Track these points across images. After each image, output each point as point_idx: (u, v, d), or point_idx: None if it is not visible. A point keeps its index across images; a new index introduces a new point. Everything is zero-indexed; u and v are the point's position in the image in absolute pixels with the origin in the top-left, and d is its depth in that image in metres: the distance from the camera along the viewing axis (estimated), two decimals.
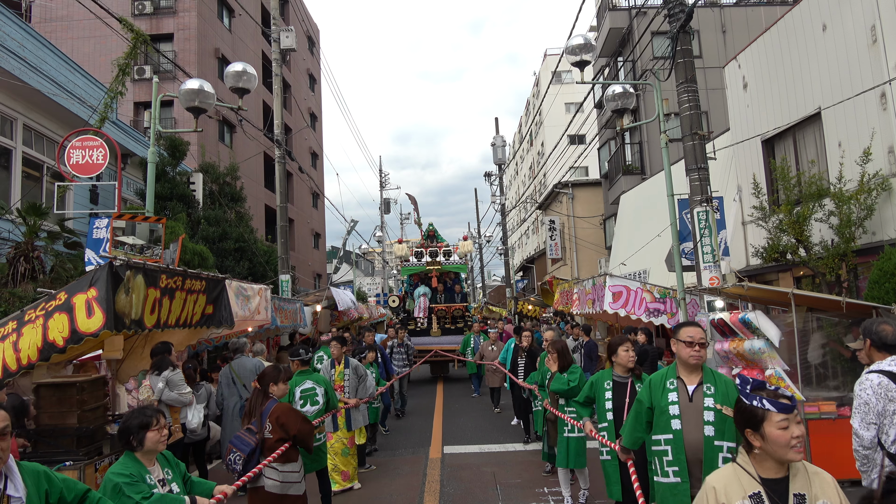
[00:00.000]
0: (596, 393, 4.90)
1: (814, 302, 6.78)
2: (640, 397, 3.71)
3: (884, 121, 8.70)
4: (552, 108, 38.27)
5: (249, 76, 8.94)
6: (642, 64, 18.50)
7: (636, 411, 3.73)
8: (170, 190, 14.51)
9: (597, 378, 4.96)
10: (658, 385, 3.64)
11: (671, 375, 3.63)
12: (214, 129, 23.10)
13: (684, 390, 3.52)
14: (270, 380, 4.70)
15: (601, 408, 4.84)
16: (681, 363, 3.62)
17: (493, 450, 8.65)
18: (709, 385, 3.49)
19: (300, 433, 4.59)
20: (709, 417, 3.39)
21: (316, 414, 5.84)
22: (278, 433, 4.51)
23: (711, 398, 3.43)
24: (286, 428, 4.52)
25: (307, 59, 35.87)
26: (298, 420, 4.64)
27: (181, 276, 5.81)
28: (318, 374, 6.14)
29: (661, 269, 13.72)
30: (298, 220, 31.66)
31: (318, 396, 5.97)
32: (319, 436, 5.74)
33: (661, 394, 3.58)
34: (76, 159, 8.38)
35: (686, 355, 3.56)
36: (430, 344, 16.04)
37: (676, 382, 3.57)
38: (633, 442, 3.81)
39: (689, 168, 8.77)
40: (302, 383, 6.05)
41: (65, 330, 4.58)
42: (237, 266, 15.81)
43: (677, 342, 3.62)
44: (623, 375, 4.85)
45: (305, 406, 5.92)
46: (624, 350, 4.84)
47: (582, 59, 8.44)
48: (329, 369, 7.45)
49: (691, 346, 3.53)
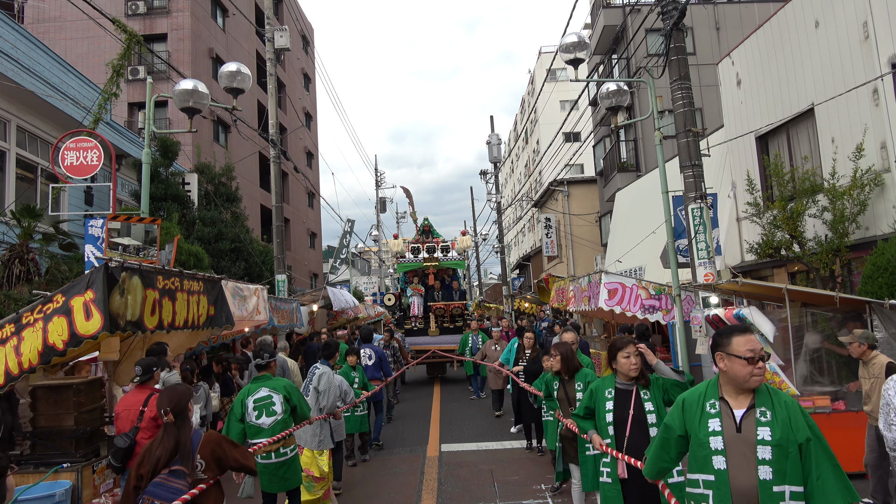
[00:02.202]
0: (596, 403, 4.16)
1: (807, 297, 6.82)
2: (670, 422, 2.92)
3: (876, 116, 8.74)
4: (547, 105, 38.29)
5: (244, 76, 8.95)
6: (636, 61, 18.54)
7: (662, 438, 2.96)
8: (164, 191, 14.50)
9: (597, 385, 4.21)
10: (694, 407, 2.83)
11: (712, 395, 2.80)
12: (209, 129, 23.05)
13: (730, 416, 2.71)
14: (188, 402, 3.63)
15: (601, 420, 4.08)
16: (729, 381, 2.77)
17: (490, 447, 8.68)
18: (764, 409, 2.66)
19: (239, 467, 3.71)
20: (764, 454, 2.59)
21: (276, 425, 5.09)
22: (214, 471, 3.52)
23: (767, 427, 2.61)
24: (223, 463, 3.59)
25: (301, 59, 35.82)
26: (236, 451, 3.71)
27: (178, 276, 5.82)
28: (278, 379, 5.37)
29: (656, 265, 13.78)
30: (294, 219, 31.63)
31: (274, 405, 5.15)
32: (284, 449, 5.18)
33: (698, 419, 2.78)
34: (70, 160, 8.37)
35: (744, 376, 2.66)
36: (427, 344, 15.47)
37: (719, 405, 2.74)
38: (657, 473, 3.10)
39: (684, 165, 8.81)
40: (255, 392, 5.21)
41: (64, 333, 4.58)
42: (233, 266, 15.80)
43: (727, 357, 2.72)
44: (627, 382, 4.09)
45: (261, 417, 5.11)
46: (624, 356, 4.03)
47: (576, 56, 8.47)
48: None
49: (751, 363, 2.64)
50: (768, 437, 2.60)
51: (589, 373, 5.39)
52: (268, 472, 5.11)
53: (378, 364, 9.59)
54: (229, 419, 5.20)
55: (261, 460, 5.07)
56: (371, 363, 9.55)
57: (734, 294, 7.78)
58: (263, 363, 5.42)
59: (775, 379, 6.16)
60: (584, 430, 4.28)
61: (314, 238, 37.05)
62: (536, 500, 6.22)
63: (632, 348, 4.04)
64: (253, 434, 5.09)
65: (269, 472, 5.12)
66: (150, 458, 3.41)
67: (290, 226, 29.81)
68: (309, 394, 6.34)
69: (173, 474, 3.37)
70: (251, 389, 5.23)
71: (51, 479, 4.73)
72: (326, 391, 6.35)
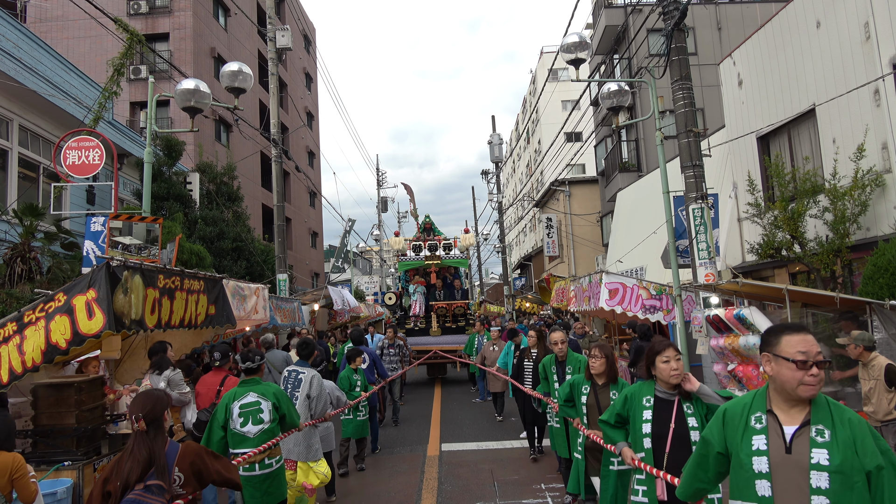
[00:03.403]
0: (631, 412, 3.64)
1: (808, 298, 6.83)
2: (708, 436, 2.51)
3: (877, 117, 8.74)
4: (549, 105, 38.31)
5: (245, 76, 8.95)
6: (638, 61, 18.54)
7: (700, 455, 2.56)
8: (166, 190, 14.54)
9: (633, 391, 3.69)
10: (737, 420, 2.40)
11: (758, 407, 2.36)
12: (211, 128, 23.09)
13: (778, 434, 2.26)
14: (163, 409, 3.24)
15: (637, 432, 3.57)
16: (778, 390, 2.32)
17: (491, 447, 8.69)
18: (821, 427, 2.21)
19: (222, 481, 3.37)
20: (820, 482, 2.13)
21: (263, 435, 4.69)
22: (193, 485, 3.17)
23: (824, 450, 2.16)
24: (204, 477, 3.24)
25: (303, 58, 35.85)
26: (218, 463, 3.36)
27: (179, 275, 5.84)
28: (268, 384, 4.95)
29: (657, 265, 13.78)
30: (296, 219, 31.67)
31: (262, 413, 4.73)
32: (270, 461, 4.74)
33: (740, 435, 2.35)
34: (72, 160, 8.39)
35: (793, 383, 2.23)
36: (429, 344, 15.04)
37: (766, 419, 2.31)
38: (693, 494, 2.67)
39: (685, 165, 8.82)
40: (242, 396, 4.77)
41: (67, 332, 4.61)
42: (235, 266, 15.83)
43: (774, 359, 2.29)
44: (669, 391, 3.57)
45: (246, 425, 4.69)
46: (664, 361, 3.52)
47: (577, 56, 8.47)
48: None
49: (802, 367, 2.20)
50: (825, 461, 2.14)
51: (625, 382, 4.95)
52: (251, 485, 4.66)
53: (371, 367, 9.01)
54: (211, 425, 4.77)
55: (243, 472, 4.62)
56: (364, 366, 8.84)
57: (735, 294, 7.79)
58: (254, 366, 4.99)
59: None
60: (613, 440, 3.77)
61: (315, 237, 37.09)
62: (536, 500, 6.22)
63: (671, 352, 3.55)
64: (236, 443, 4.68)
65: (252, 485, 4.66)
66: (119, 473, 2.98)
67: (291, 225, 29.84)
68: (297, 400, 5.74)
69: (149, 490, 2.97)
70: (237, 394, 4.79)
71: (52, 477, 4.75)
72: (318, 397, 5.82)
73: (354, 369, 7.96)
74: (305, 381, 5.85)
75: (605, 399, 4.81)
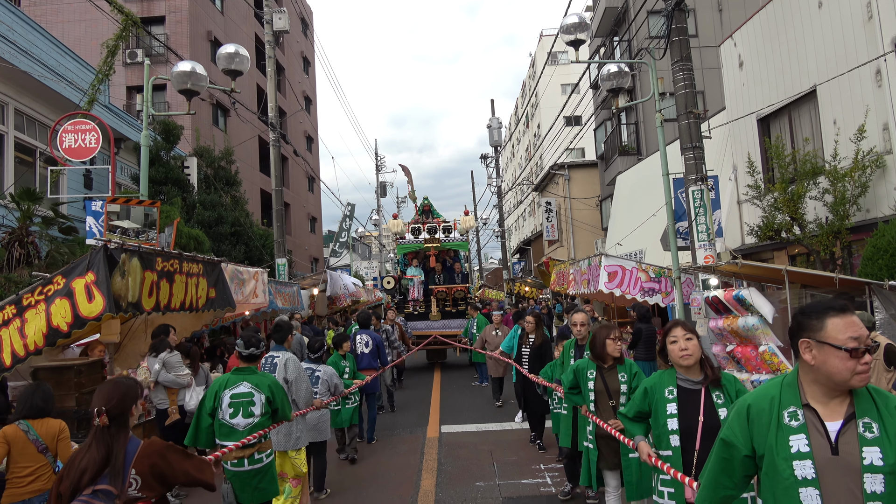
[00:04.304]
0: (653, 405, 3.25)
1: (807, 279, 6.82)
2: (730, 438, 2.08)
3: (879, 97, 8.69)
4: (549, 89, 38.09)
5: (242, 58, 8.87)
6: (638, 43, 18.40)
7: (720, 458, 2.13)
8: (164, 174, 14.49)
9: (653, 383, 3.30)
10: (765, 417, 2.01)
11: (790, 400, 1.99)
12: (208, 113, 22.96)
13: (821, 431, 1.92)
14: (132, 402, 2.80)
15: (660, 427, 3.19)
16: (817, 381, 1.96)
17: (490, 429, 8.73)
18: (868, 421, 1.89)
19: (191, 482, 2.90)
20: (874, 486, 1.82)
21: (252, 428, 4.38)
22: (154, 489, 2.73)
23: (876, 447, 1.85)
24: (167, 479, 2.78)
25: (301, 42, 35.58)
26: (187, 462, 2.86)
27: (177, 259, 5.83)
28: (264, 374, 4.66)
29: (657, 249, 13.78)
30: (294, 204, 31.60)
31: (254, 406, 4.40)
32: (260, 455, 4.43)
33: (774, 435, 1.97)
34: (69, 143, 8.34)
35: (844, 374, 1.89)
36: (428, 328, 14.95)
37: (804, 415, 1.95)
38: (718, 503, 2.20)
39: (685, 147, 8.77)
40: (235, 385, 4.44)
41: (67, 315, 4.61)
42: (233, 250, 15.82)
43: (817, 346, 1.93)
44: (694, 379, 3.17)
45: (235, 417, 4.37)
46: (671, 341, 3.22)
47: (577, 37, 8.38)
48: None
49: (855, 355, 1.87)
50: (879, 460, 1.83)
51: (633, 364, 4.59)
52: (240, 480, 4.38)
53: (375, 352, 8.76)
54: (199, 412, 4.49)
55: (231, 467, 4.39)
56: (368, 350, 8.71)
57: (734, 276, 7.78)
58: (257, 353, 4.66)
59: (774, 360, 6.18)
60: (631, 434, 3.47)
61: (314, 222, 37.05)
62: (535, 480, 6.27)
63: (679, 330, 3.20)
64: (224, 435, 4.38)
65: (241, 480, 4.38)
66: (72, 473, 2.59)
67: (290, 210, 29.78)
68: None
69: (97, 496, 2.54)
70: (230, 381, 4.48)
71: None
72: (296, 380, 5.44)
73: (343, 355, 7.55)
74: (280, 365, 5.49)
75: (614, 382, 4.44)
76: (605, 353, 4.45)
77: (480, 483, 6.25)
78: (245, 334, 4.71)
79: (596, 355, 4.52)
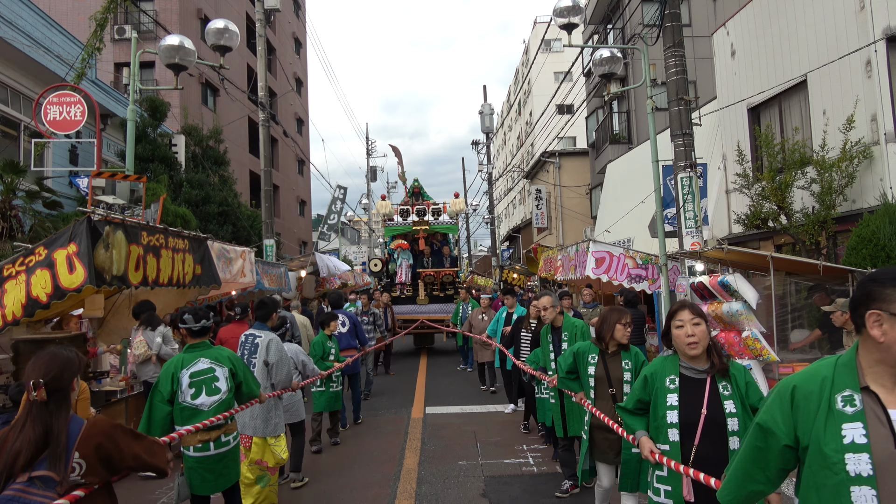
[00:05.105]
0: (654, 395, 3.00)
1: (792, 266, 6.88)
2: (768, 423, 1.81)
3: (868, 88, 8.73)
4: (542, 77, 37.99)
5: (231, 33, 8.77)
6: (631, 28, 18.35)
7: (756, 448, 1.86)
8: (151, 152, 14.34)
9: (653, 371, 3.03)
10: (813, 401, 1.72)
11: (845, 382, 1.71)
12: (197, 92, 22.70)
13: (882, 420, 1.64)
14: (73, 375, 2.45)
15: (658, 419, 2.93)
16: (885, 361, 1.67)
17: (475, 411, 8.77)
18: None
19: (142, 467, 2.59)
20: None
21: (219, 406, 4.03)
22: (99, 474, 2.40)
23: None
24: (114, 463, 2.44)
25: (293, 23, 35.21)
26: (137, 444, 2.56)
27: (162, 233, 5.79)
28: (220, 348, 4.31)
29: (644, 237, 13.84)
30: (284, 186, 31.41)
31: (218, 381, 4.06)
32: (227, 438, 4.08)
33: (823, 422, 1.69)
34: (53, 115, 8.22)
35: None
36: (415, 313, 14.68)
37: (862, 400, 1.67)
38: (745, 499, 1.95)
39: (675, 133, 8.79)
40: (192, 363, 4.06)
41: (48, 286, 4.56)
42: (221, 230, 15.73)
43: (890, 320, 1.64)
44: (699, 368, 2.89)
45: (199, 397, 3.99)
46: (678, 325, 2.90)
47: (570, 21, 8.34)
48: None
49: None
50: None
51: (640, 352, 4.27)
52: (203, 468, 3.98)
53: (353, 331, 8.50)
54: (151, 400, 4.01)
55: (195, 452, 3.98)
56: (346, 330, 8.43)
57: (720, 262, 7.84)
58: (209, 324, 4.22)
59: (756, 345, 6.24)
60: (632, 429, 3.18)
61: (304, 206, 36.87)
62: (518, 460, 6.31)
63: (686, 314, 2.88)
64: (188, 418, 3.95)
65: (204, 467, 3.99)
66: (3, 456, 2.26)
67: (279, 193, 29.61)
68: (255, 368, 5.05)
69: (34, 483, 2.22)
70: (185, 360, 4.08)
71: None
72: (278, 363, 5.09)
73: (329, 335, 7.25)
74: (262, 345, 5.13)
75: (617, 369, 4.14)
76: (612, 338, 4.15)
77: (463, 462, 6.28)
78: (191, 308, 4.30)
79: (601, 339, 4.19)
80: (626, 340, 4.16)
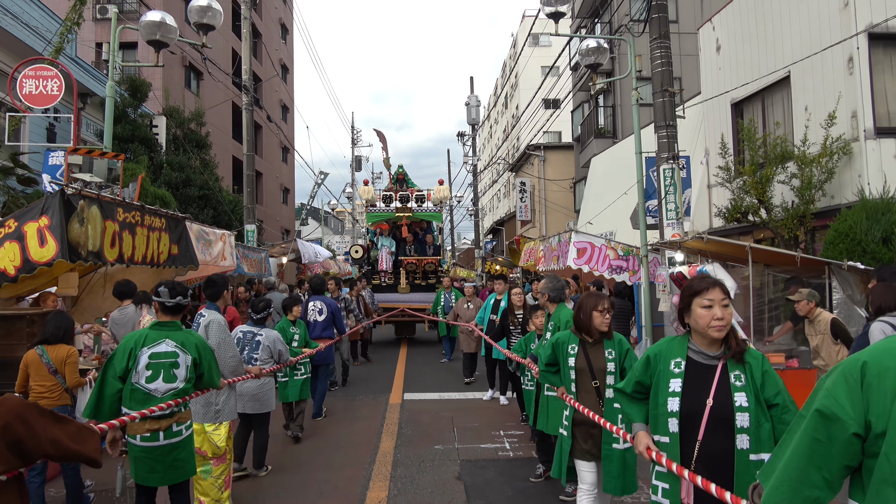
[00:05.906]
0: (654, 378, 2.69)
1: (770, 257, 6.95)
2: (831, 409, 1.53)
3: (850, 85, 8.81)
4: (528, 70, 37.98)
5: (215, 12, 8.63)
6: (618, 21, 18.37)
7: (813, 440, 1.56)
8: (131, 132, 14.13)
9: (659, 350, 2.72)
10: (890, 378, 1.47)
11: None
12: (180, 75, 22.37)
13: None
14: None
15: (658, 408, 2.63)
16: None
17: (453, 397, 8.78)
18: None
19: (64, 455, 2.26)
20: None
21: (173, 395, 3.68)
22: (7, 461, 2.07)
23: None
24: (26, 449, 2.11)
25: (279, 8, 34.82)
26: (58, 428, 2.23)
27: (139, 210, 5.71)
28: (190, 332, 3.92)
29: (627, 229, 13.90)
30: (267, 173, 31.14)
31: (178, 368, 3.70)
32: (179, 427, 3.72)
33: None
34: (29, 89, 8.04)
35: None
36: (396, 301, 14.29)
37: None
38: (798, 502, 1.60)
39: (658, 125, 8.81)
40: (155, 343, 3.69)
41: (16, 259, 4.46)
42: (201, 214, 15.56)
43: None
44: (710, 353, 2.57)
45: (154, 381, 3.62)
46: (705, 305, 2.53)
47: (557, 9, 8.31)
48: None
49: None
50: None
51: (624, 340, 3.94)
52: (150, 458, 3.61)
53: (330, 320, 8.08)
54: (104, 375, 3.63)
55: (142, 442, 3.61)
56: (322, 318, 8.04)
57: (699, 253, 7.89)
58: (185, 302, 3.84)
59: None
60: (629, 418, 2.87)
61: (287, 194, 36.59)
62: (494, 445, 6.32)
63: (717, 293, 2.53)
64: (138, 401, 3.59)
65: (152, 458, 3.62)
66: None
67: (262, 179, 29.35)
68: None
69: None
70: (148, 338, 3.70)
71: None
72: (219, 346, 4.54)
73: (292, 321, 6.80)
74: (202, 326, 4.64)
75: (599, 360, 3.83)
76: (590, 326, 3.82)
77: (439, 446, 6.27)
78: (169, 282, 3.92)
79: (579, 327, 3.89)
80: (607, 328, 3.84)
